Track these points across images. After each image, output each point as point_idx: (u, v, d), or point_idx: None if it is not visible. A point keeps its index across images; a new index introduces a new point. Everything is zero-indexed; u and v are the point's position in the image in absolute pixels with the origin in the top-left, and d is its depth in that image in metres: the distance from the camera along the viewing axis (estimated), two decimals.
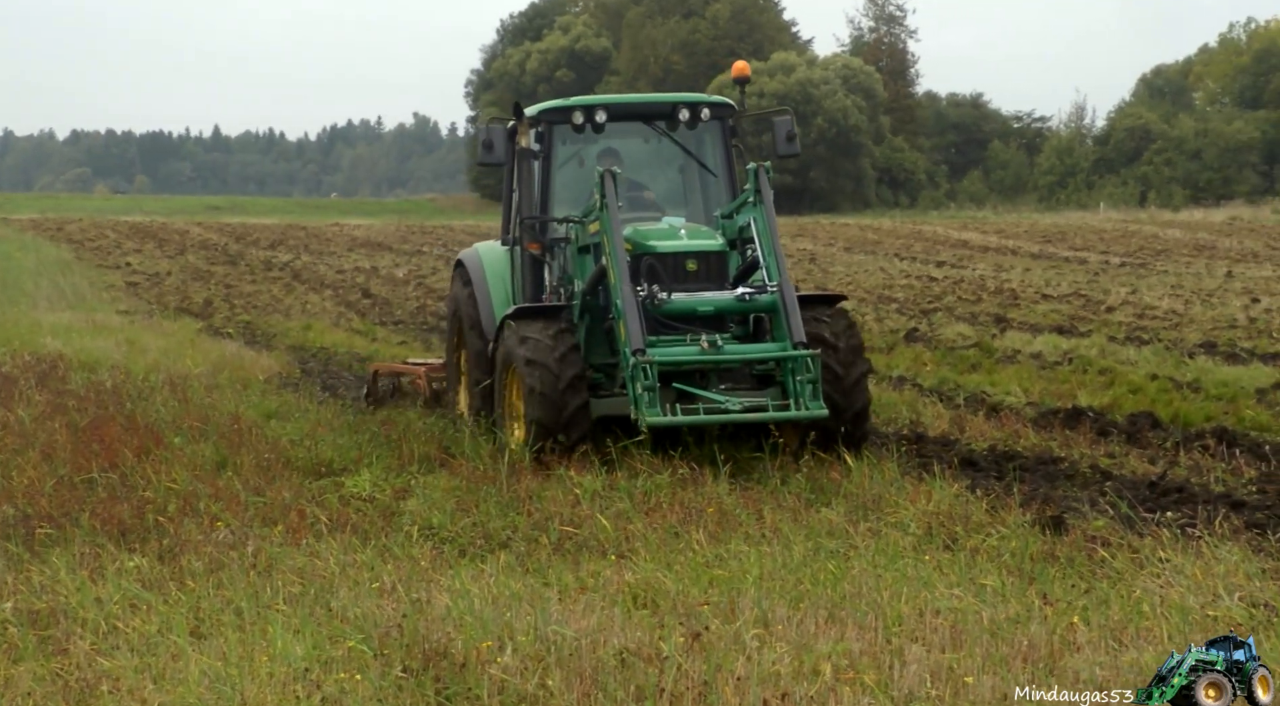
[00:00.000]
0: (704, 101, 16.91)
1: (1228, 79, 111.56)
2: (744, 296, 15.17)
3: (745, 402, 14.58)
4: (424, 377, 19.96)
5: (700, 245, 15.50)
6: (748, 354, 14.96)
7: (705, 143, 17.23)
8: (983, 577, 10.36)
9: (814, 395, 14.43)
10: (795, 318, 14.81)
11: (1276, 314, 31.39)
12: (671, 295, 15.16)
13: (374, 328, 32.96)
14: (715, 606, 9.62)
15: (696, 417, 14.43)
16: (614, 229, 15.04)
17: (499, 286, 17.39)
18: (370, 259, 53.54)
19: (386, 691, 8.12)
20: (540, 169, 16.65)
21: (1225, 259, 49.23)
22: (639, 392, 14.27)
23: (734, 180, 16.91)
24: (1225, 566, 10.36)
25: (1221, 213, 73.66)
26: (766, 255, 15.19)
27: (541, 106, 17.01)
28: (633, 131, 17.34)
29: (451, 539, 12.21)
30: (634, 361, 14.35)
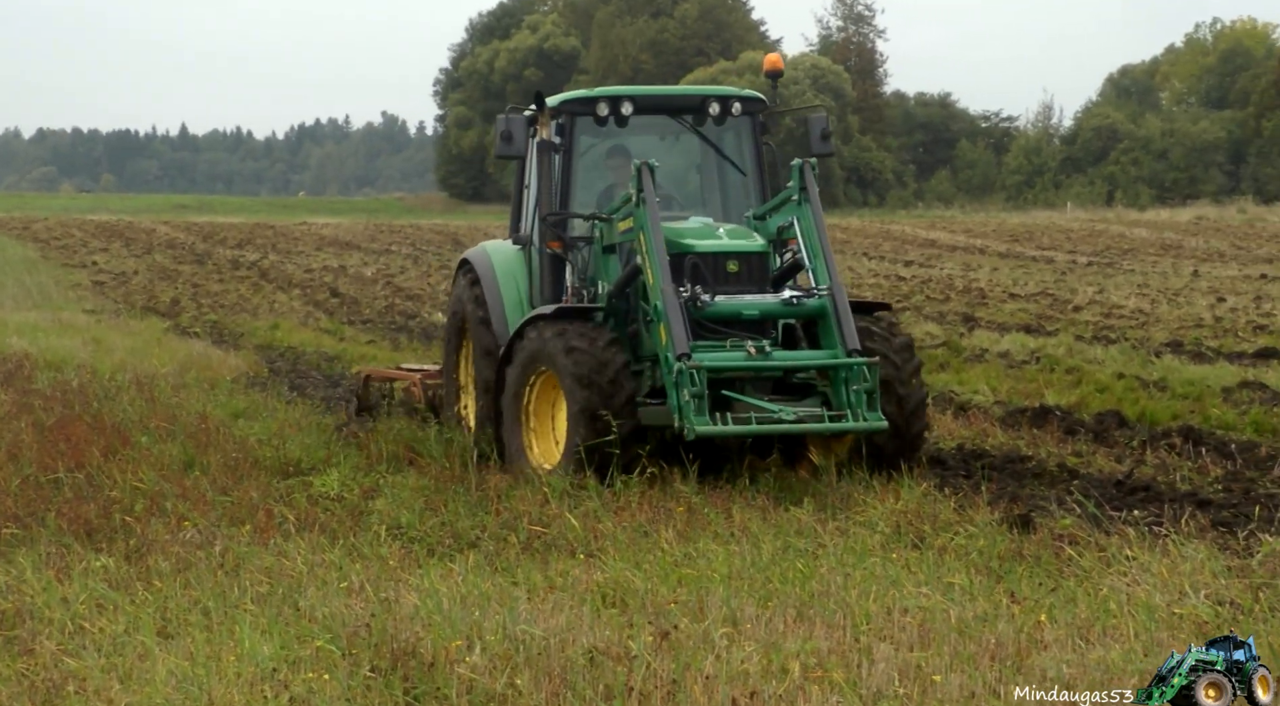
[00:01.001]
0: (735, 95, 16.07)
1: (1194, 79, 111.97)
2: (791, 300, 14.37)
3: (799, 412, 13.74)
4: (419, 385, 18.68)
5: (742, 245, 14.75)
6: (798, 361, 14.21)
7: (733, 139, 16.32)
8: (950, 576, 10.38)
9: (871, 406, 13.65)
10: (849, 324, 14.01)
11: (1242, 313, 31.52)
12: (714, 298, 14.34)
13: (342, 327, 32.89)
14: (684, 605, 9.62)
15: (749, 427, 13.66)
16: (653, 225, 14.21)
17: (511, 288, 16.30)
18: (338, 258, 53.44)
19: (354, 691, 8.10)
20: (561, 163, 15.73)
21: (1191, 258, 49.42)
22: (685, 400, 13.44)
23: (764, 179, 16.09)
24: (1191, 564, 10.40)
25: (1188, 212, 73.94)
26: (814, 257, 14.46)
27: (564, 96, 16.04)
28: (647, 127, 16.42)
29: (420, 538, 12.18)
30: (679, 366, 13.53)
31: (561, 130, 15.71)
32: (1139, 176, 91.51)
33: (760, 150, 16.13)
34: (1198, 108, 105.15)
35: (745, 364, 13.98)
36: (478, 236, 62.66)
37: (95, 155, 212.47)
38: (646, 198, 14.33)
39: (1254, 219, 68.55)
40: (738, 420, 13.64)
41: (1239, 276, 41.77)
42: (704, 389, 13.46)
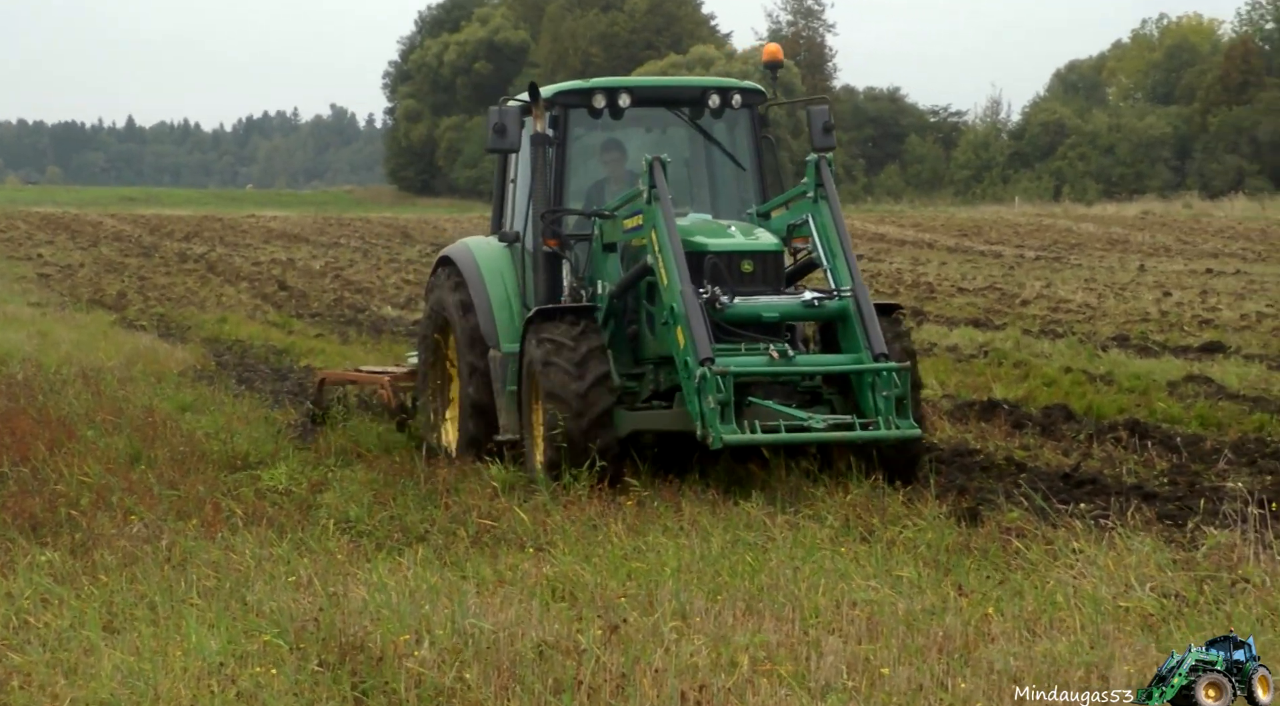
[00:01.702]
0: (735, 87, 15.52)
1: (1140, 75, 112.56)
2: (813, 302, 13.77)
3: (830, 421, 13.19)
4: (389, 387, 17.53)
5: (757, 245, 14.13)
6: (824, 366, 13.70)
7: (732, 132, 15.75)
8: (899, 569, 10.42)
9: (902, 412, 13.09)
10: (874, 326, 13.48)
11: (1188, 308, 31.72)
12: (734, 299, 13.72)
13: (290, 320, 32.77)
14: (633, 598, 9.63)
15: (779, 436, 13.07)
16: (668, 224, 13.57)
17: (498, 286, 15.57)
18: (287, 251, 53.24)
19: (302, 685, 8.07)
20: (555, 157, 15.09)
21: (1138, 253, 49.69)
22: (710, 407, 12.83)
23: (763, 174, 15.59)
24: (1137, 557, 10.46)
25: (1134, 207, 74.31)
26: (833, 256, 13.92)
27: (559, 87, 15.44)
28: (636, 119, 15.79)
29: (369, 532, 12.16)
30: (703, 372, 12.89)
31: (555, 122, 15.15)
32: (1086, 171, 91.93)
33: (760, 144, 15.64)
34: (1144, 103, 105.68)
35: (769, 369, 13.42)
36: (427, 230, 62.60)
37: (40, 147, 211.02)
38: (660, 194, 13.73)
39: (1200, 214, 68.98)
40: (766, 428, 13.02)
41: (1185, 271, 42.02)
42: (730, 396, 12.90)
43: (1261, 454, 15.51)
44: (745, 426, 12.92)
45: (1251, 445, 16.04)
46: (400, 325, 31.40)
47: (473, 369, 15.29)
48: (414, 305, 35.18)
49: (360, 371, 18.79)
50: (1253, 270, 41.67)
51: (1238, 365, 22.14)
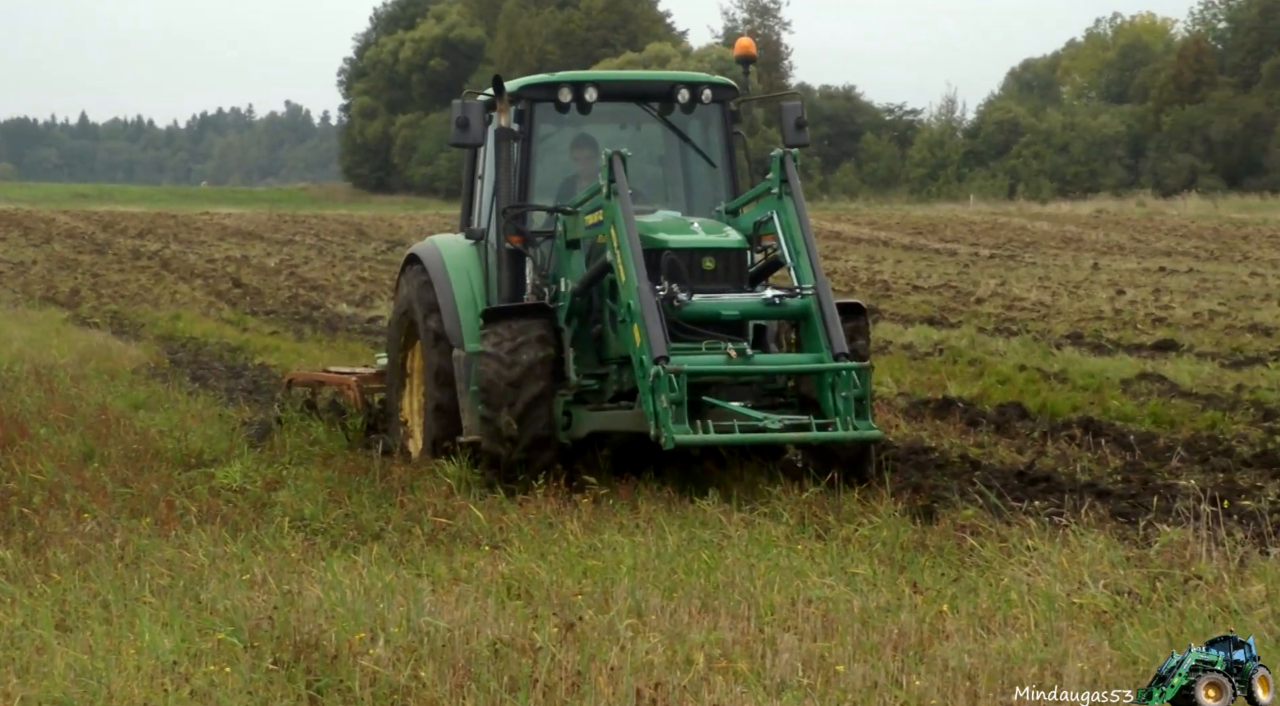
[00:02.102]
0: (705, 81, 15.21)
1: (1094, 73, 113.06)
2: (774, 300, 13.52)
3: (785, 421, 12.94)
4: (355, 388, 17.12)
5: (719, 241, 13.89)
6: (783, 365, 13.54)
7: (702, 128, 15.45)
8: (854, 567, 10.44)
9: (861, 413, 12.85)
10: (835, 325, 13.18)
11: (1141, 306, 31.88)
12: (692, 297, 13.46)
13: (245, 317, 32.66)
14: (589, 596, 9.63)
15: (733, 436, 12.87)
16: (626, 219, 13.31)
17: (464, 285, 15.21)
18: (241, 248, 53.04)
19: (257, 684, 8.04)
20: (520, 152, 14.77)
21: (1092, 251, 49.90)
22: (663, 406, 12.55)
23: (735, 171, 15.26)
24: (1091, 554, 10.50)
25: (1088, 205, 74.61)
26: (797, 254, 13.61)
27: (524, 81, 15.15)
28: (608, 115, 15.60)
29: (323, 530, 12.13)
30: (657, 370, 12.62)
31: (521, 117, 14.86)
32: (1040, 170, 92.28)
33: (731, 140, 15.32)
34: (1098, 102, 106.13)
35: (726, 368, 13.17)
36: (382, 227, 62.45)
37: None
38: (619, 189, 13.43)
39: (1153, 212, 69.31)
40: (720, 428, 12.78)
41: (1138, 269, 42.22)
42: (684, 395, 12.62)
43: (1214, 451, 15.60)
44: (699, 426, 12.69)
45: (1204, 443, 16.13)
46: (355, 323, 31.33)
47: (438, 371, 15.01)
48: (369, 303, 35.11)
49: (329, 372, 18.42)
50: (1205, 269, 41.91)
51: (1190, 363, 22.26)
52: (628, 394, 13.87)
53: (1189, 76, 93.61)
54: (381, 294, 36.84)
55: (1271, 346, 24.30)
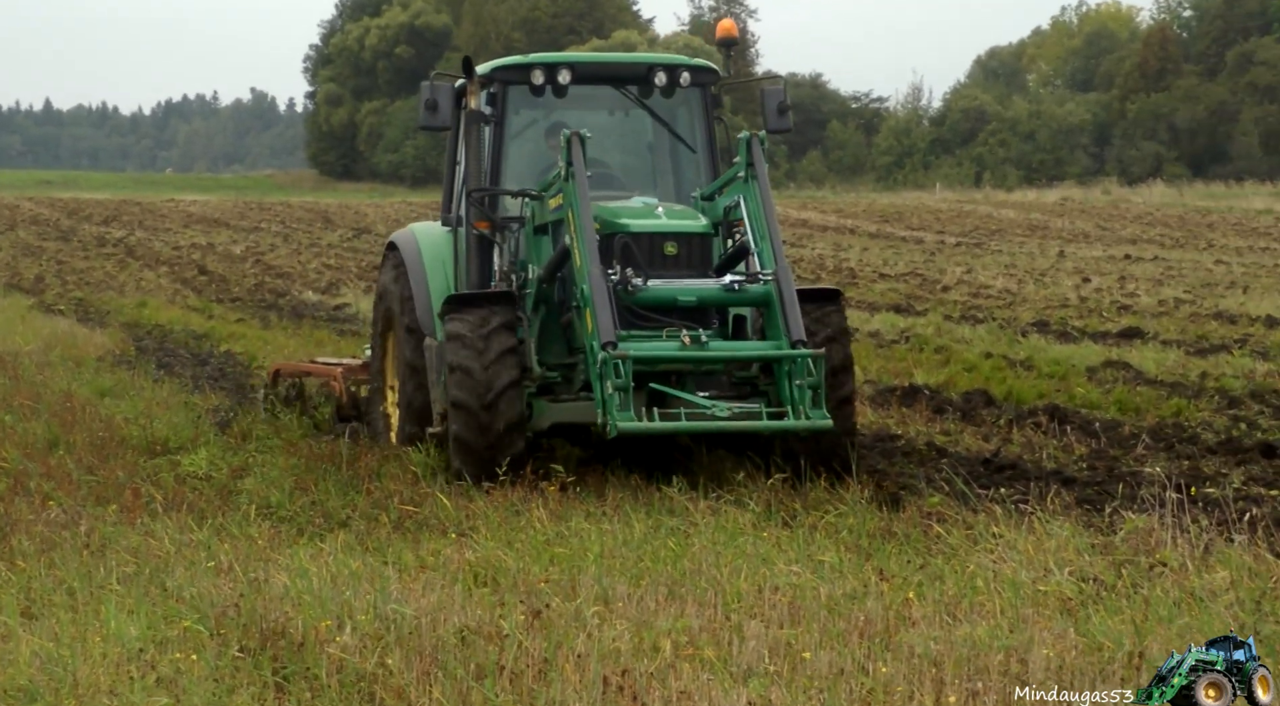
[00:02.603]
0: (683, 64, 14.69)
1: (1060, 61, 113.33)
2: (733, 285, 13.12)
3: (734, 409, 12.62)
4: (340, 380, 16.84)
5: (681, 226, 13.49)
6: (736, 353, 13.11)
7: (683, 113, 15.01)
8: (821, 554, 10.46)
9: (815, 402, 12.45)
10: (794, 312, 12.82)
11: (1106, 293, 31.98)
12: (648, 282, 13.08)
13: (211, 305, 32.56)
14: (556, 584, 9.62)
15: (677, 425, 12.49)
16: (581, 201, 12.93)
17: (438, 274, 14.85)
18: (207, 235, 52.86)
19: (223, 671, 8.03)
20: (492, 136, 14.37)
21: (1057, 239, 50.03)
22: (609, 393, 12.20)
23: (715, 157, 14.83)
24: (1056, 541, 10.53)
25: (1054, 193, 74.81)
26: (760, 239, 13.23)
27: (495, 63, 14.69)
28: (594, 101, 15.14)
29: (290, 518, 12.10)
30: (604, 356, 12.26)
31: (493, 100, 14.45)
32: (1006, 158, 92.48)
33: (712, 125, 14.88)
34: (1064, 90, 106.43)
35: (677, 355, 12.73)
36: (348, 215, 62.28)
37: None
38: (575, 171, 13.01)
39: (1118, 200, 69.53)
40: (665, 416, 12.41)
41: (1103, 257, 42.35)
42: (629, 382, 12.22)
43: (1179, 439, 15.66)
44: (646, 415, 12.37)
45: (1169, 430, 16.20)
46: (321, 310, 31.26)
47: (409, 362, 14.65)
48: (335, 290, 35.04)
49: (315, 363, 18.13)
50: (1170, 256, 42.06)
51: (1155, 351, 22.34)
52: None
53: (1154, 64, 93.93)
54: (348, 281, 36.77)
55: (1236, 334, 24.41)
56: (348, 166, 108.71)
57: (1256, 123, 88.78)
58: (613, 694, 7.29)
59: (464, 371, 13.08)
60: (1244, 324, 25.90)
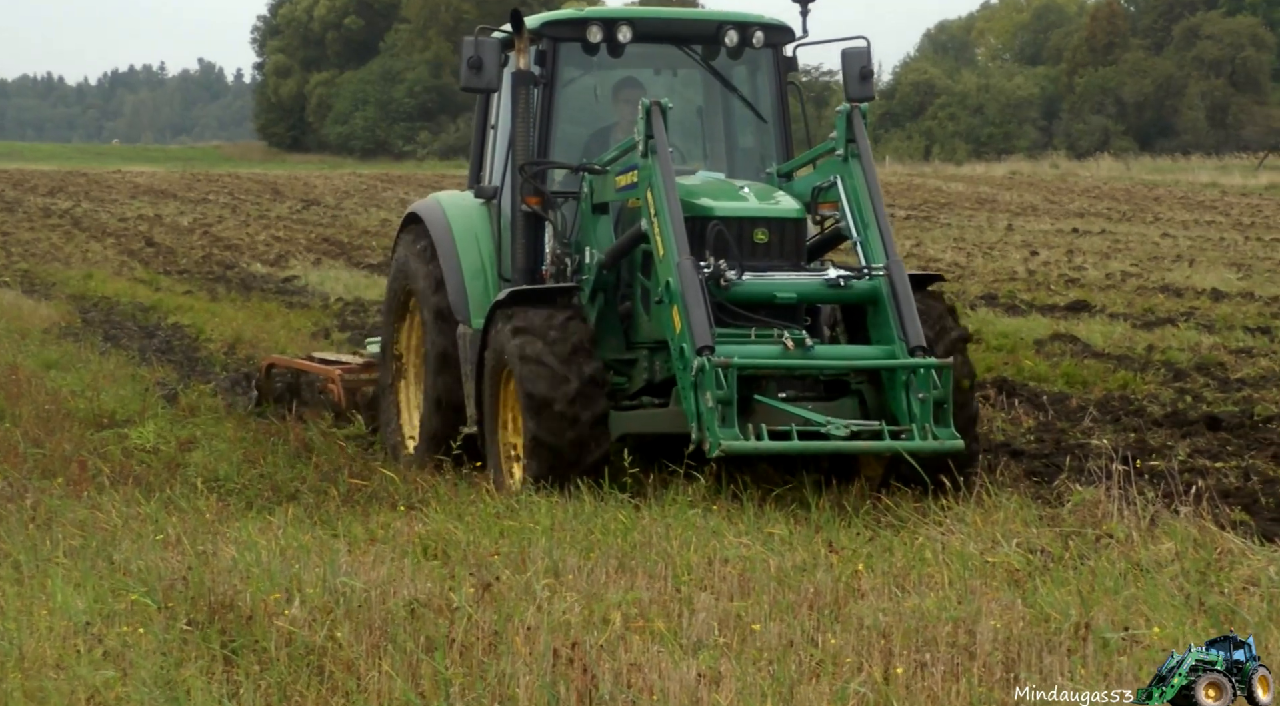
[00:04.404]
0: (757, 22, 13.15)
1: (1008, 35, 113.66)
2: (838, 281, 11.69)
3: (852, 427, 11.17)
4: (339, 381, 15.39)
5: (773, 210, 12.10)
6: (849, 359, 11.61)
7: (752, 77, 13.54)
8: (770, 527, 10.47)
9: (941, 419, 11.16)
10: (911, 313, 11.41)
11: (1054, 267, 32.10)
12: (743, 275, 11.64)
13: (158, 277, 32.36)
14: (506, 557, 9.62)
15: (791, 445, 11.06)
16: (666, 180, 11.49)
17: (471, 251, 13.28)
18: (154, 207, 52.50)
19: (171, 644, 8.00)
20: (541, 99, 12.85)
21: (1006, 212, 50.18)
22: (708, 406, 10.87)
23: (788, 128, 13.44)
24: (1004, 513, 10.59)
25: (1002, 167, 75.05)
26: (865, 227, 11.87)
27: (547, 16, 13.12)
28: (641, 59, 13.55)
29: (238, 491, 12.06)
30: (701, 362, 10.89)
31: (542, 58, 12.90)
32: (955, 131, 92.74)
33: (785, 91, 13.42)
34: (1012, 64, 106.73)
35: (781, 362, 11.34)
36: (297, 186, 62.01)
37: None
38: (658, 147, 11.60)
39: (1066, 173, 69.80)
40: (775, 435, 11.02)
41: (1051, 230, 42.50)
42: (733, 393, 10.90)
43: (1125, 411, 15.75)
44: (750, 431, 10.99)
45: (1116, 403, 16.29)
46: (270, 283, 31.13)
47: (440, 354, 13.14)
48: (284, 262, 34.89)
49: (312, 360, 16.46)
50: (1118, 230, 42.23)
51: (1103, 324, 22.45)
52: (658, 386, 12.26)
53: (1102, 38, 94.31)
54: (296, 253, 36.62)
55: (1182, 307, 24.54)
56: (296, 138, 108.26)
57: (1203, 97, 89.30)
58: (563, 666, 7.29)
59: (539, 363, 11.60)
60: (1190, 297, 26.05)
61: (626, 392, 12.29)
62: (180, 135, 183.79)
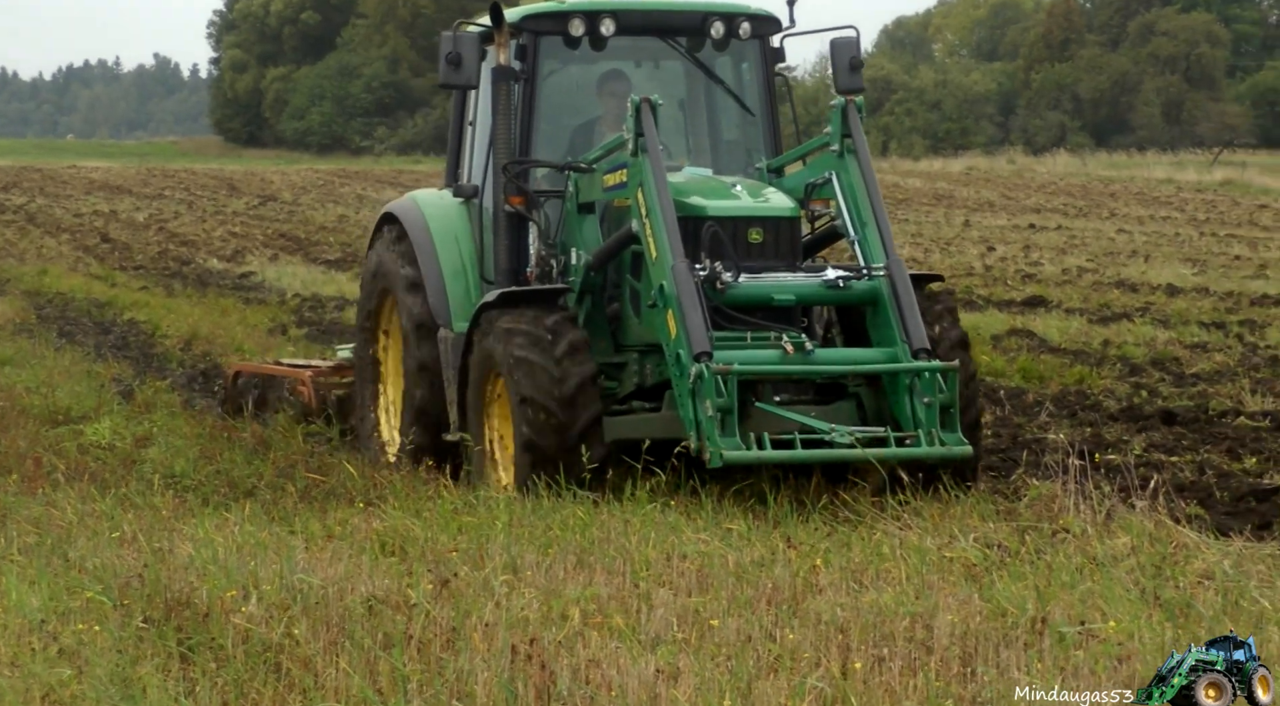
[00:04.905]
0: (743, 12, 12.80)
1: (965, 31, 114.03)
2: (837, 282, 11.39)
3: (857, 434, 10.86)
4: (309, 384, 14.85)
5: (769, 209, 11.78)
6: (853, 364, 11.32)
7: (739, 69, 13.19)
8: (729, 522, 10.48)
9: (948, 424, 10.88)
10: (913, 314, 11.13)
11: (1011, 262, 32.23)
12: (739, 277, 11.38)
13: (113, 273, 32.22)
14: (464, 553, 9.60)
15: (795, 454, 10.84)
16: (658, 180, 11.19)
17: (452, 253, 12.91)
18: (109, 202, 52.26)
19: (126, 642, 7.96)
20: (523, 95, 12.51)
21: (963, 208, 50.34)
22: (708, 415, 10.59)
23: (776, 122, 13.14)
24: (961, 508, 10.62)
25: (959, 163, 75.24)
26: (863, 225, 11.56)
27: (527, 9, 12.72)
28: (620, 51, 13.17)
29: (195, 487, 12.01)
30: (700, 370, 10.61)
31: (523, 53, 12.56)
32: (913, 127, 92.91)
33: (773, 84, 13.12)
34: (969, 60, 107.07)
35: (781, 367, 11.12)
36: (253, 182, 61.80)
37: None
38: (648, 145, 11.30)
39: (1023, 169, 70.05)
40: (777, 443, 10.77)
41: (1008, 226, 42.66)
42: (733, 401, 10.62)
43: (1081, 406, 15.83)
44: (750, 439, 10.72)
45: (1072, 397, 16.36)
46: (226, 278, 31.03)
47: (420, 360, 12.79)
48: (240, 258, 34.77)
49: (280, 364, 16.02)
50: (1074, 225, 42.41)
51: (1059, 319, 22.56)
52: (649, 391, 11.94)
53: (1058, 35, 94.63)
54: (253, 249, 36.50)
55: (1138, 302, 24.67)
56: (253, 133, 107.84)
57: (1158, 93, 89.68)
58: (521, 662, 7.28)
59: (531, 365, 11.24)
60: (1145, 292, 26.18)
61: (616, 397, 11.94)
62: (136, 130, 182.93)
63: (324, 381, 14.88)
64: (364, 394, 13.87)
